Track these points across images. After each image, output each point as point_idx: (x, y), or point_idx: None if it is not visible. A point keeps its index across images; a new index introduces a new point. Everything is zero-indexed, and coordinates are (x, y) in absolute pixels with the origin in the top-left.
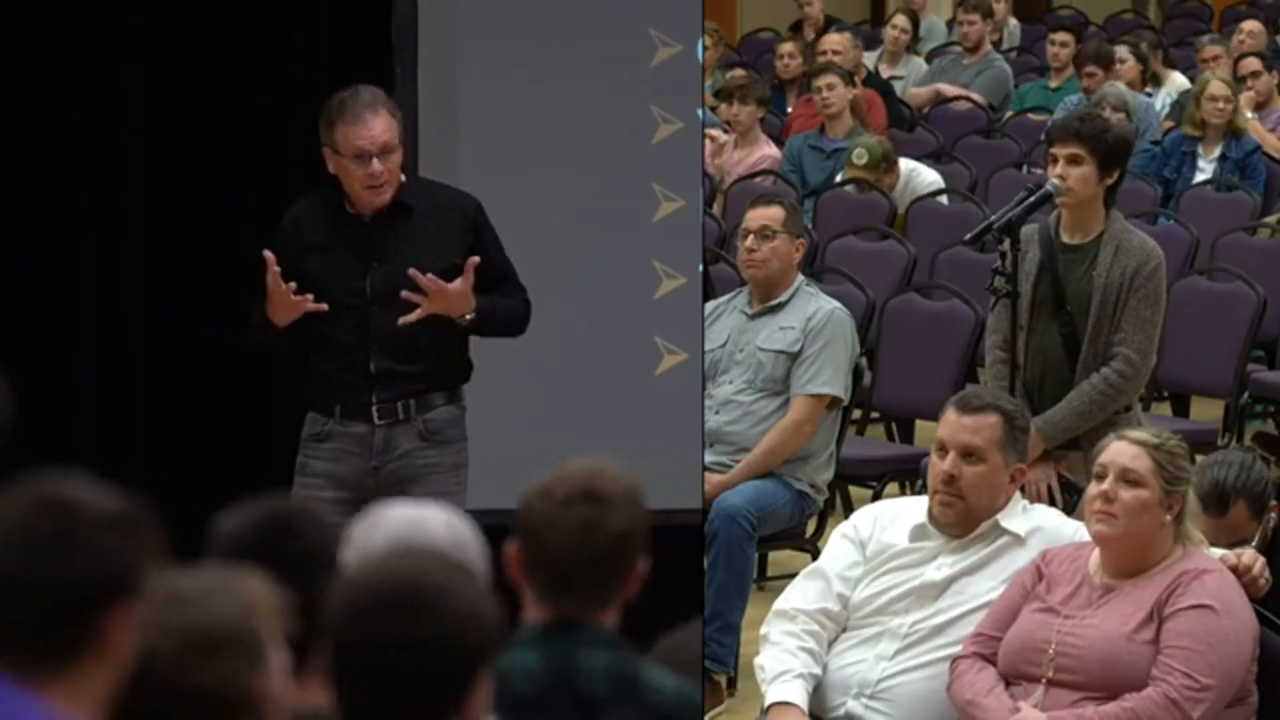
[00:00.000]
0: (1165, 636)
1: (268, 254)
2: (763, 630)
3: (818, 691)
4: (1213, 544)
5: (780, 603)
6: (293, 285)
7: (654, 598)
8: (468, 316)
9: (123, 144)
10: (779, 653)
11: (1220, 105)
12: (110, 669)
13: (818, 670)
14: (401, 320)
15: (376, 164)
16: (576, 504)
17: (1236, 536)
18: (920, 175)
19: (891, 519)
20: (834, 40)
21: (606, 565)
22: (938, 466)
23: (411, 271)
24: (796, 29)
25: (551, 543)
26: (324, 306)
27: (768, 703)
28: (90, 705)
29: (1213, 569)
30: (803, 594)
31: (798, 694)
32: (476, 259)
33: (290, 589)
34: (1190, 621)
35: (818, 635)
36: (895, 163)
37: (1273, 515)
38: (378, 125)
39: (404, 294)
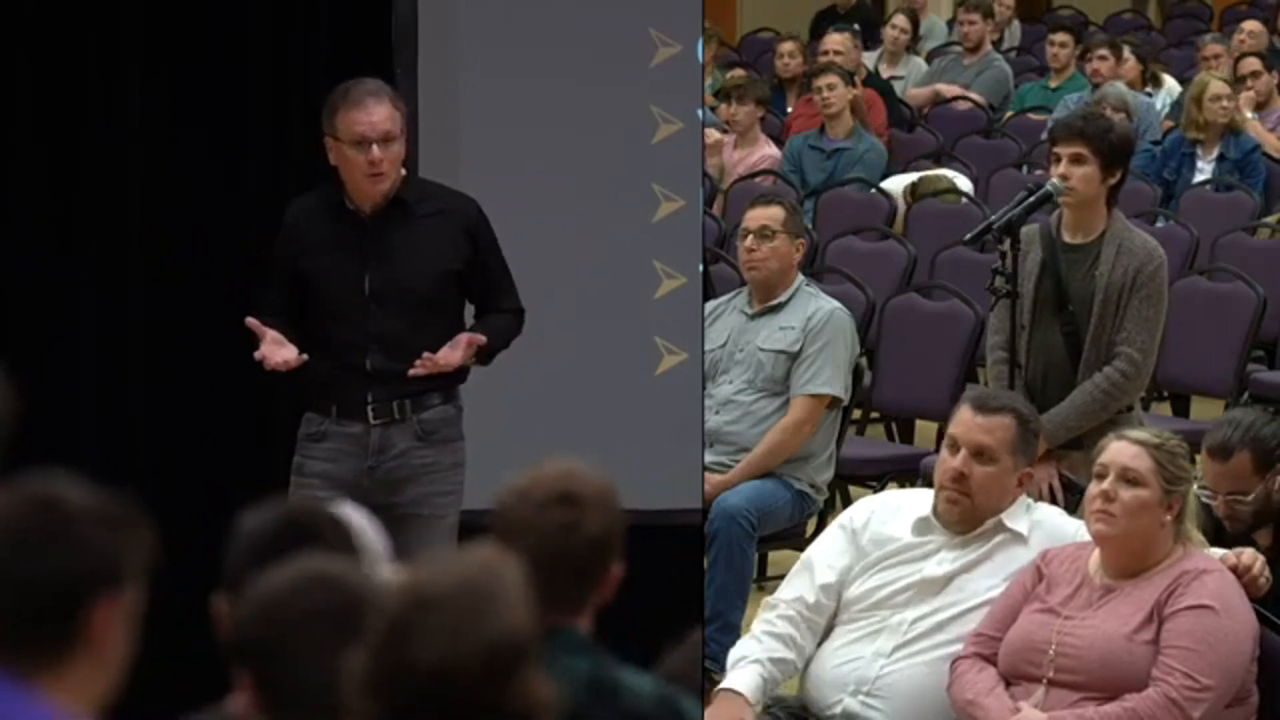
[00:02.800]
0: (1165, 637)
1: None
2: None
3: (814, 688)
4: (1214, 491)
5: (769, 598)
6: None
7: (654, 598)
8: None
9: (123, 144)
10: (746, 640)
11: (1224, 104)
12: (102, 663)
13: (787, 654)
14: (411, 373)
15: (376, 151)
16: (552, 507)
17: (1236, 487)
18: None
19: (893, 510)
20: (834, 40)
21: (583, 569)
22: (948, 463)
23: (419, 361)
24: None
25: (528, 546)
26: (304, 357)
27: (716, 689)
28: (85, 700)
29: (1213, 569)
30: (788, 585)
31: (747, 680)
32: (480, 339)
33: None
34: (1190, 621)
35: (793, 620)
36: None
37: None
38: (379, 112)
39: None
